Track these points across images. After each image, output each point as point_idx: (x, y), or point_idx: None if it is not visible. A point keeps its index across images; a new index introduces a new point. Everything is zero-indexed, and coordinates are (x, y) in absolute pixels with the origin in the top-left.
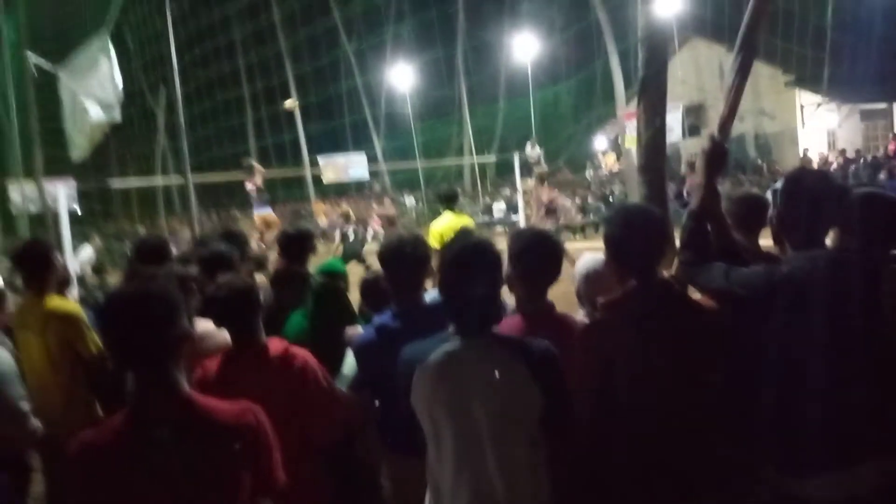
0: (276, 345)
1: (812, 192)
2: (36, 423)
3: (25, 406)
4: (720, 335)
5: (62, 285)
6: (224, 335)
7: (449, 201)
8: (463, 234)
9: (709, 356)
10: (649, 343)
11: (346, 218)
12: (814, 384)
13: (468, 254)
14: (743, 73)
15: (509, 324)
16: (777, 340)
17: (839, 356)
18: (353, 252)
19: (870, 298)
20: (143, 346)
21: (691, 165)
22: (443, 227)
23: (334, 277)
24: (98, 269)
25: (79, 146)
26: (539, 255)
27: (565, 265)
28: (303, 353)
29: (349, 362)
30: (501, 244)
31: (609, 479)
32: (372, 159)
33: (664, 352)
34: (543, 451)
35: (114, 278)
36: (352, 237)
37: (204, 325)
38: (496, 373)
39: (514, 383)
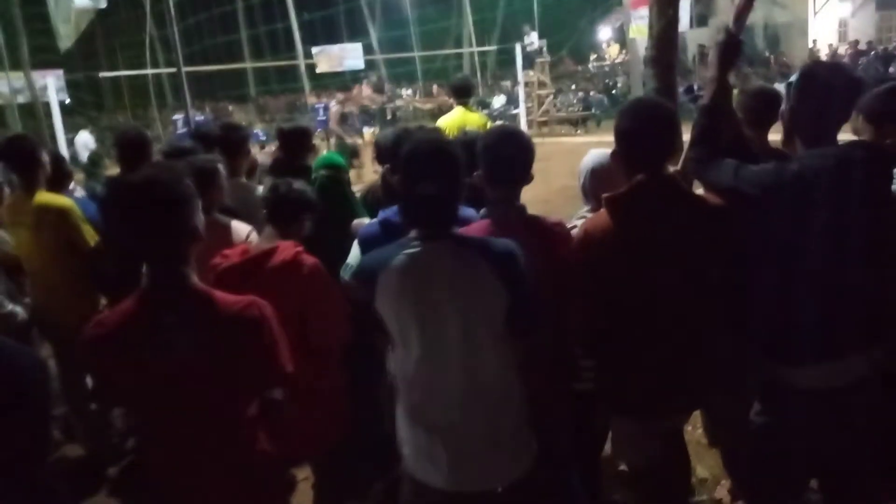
0: (287, 247)
1: (826, 87)
2: (13, 307)
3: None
4: (724, 231)
5: (63, 180)
6: (241, 232)
7: (460, 95)
8: (423, 131)
9: (711, 252)
10: (652, 238)
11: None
12: (813, 277)
13: (424, 152)
14: None
15: (476, 228)
16: (781, 236)
17: (839, 250)
18: (346, 148)
19: (877, 193)
20: (148, 236)
21: (703, 57)
22: (448, 123)
23: (336, 170)
24: (94, 160)
25: (64, 35)
26: (507, 152)
27: (567, 159)
28: (312, 261)
29: (354, 253)
30: None
31: (613, 382)
32: (368, 50)
33: (667, 247)
34: (512, 355)
35: (110, 171)
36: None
37: (226, 220)
38: (460, 270)
39: (477, 281)
